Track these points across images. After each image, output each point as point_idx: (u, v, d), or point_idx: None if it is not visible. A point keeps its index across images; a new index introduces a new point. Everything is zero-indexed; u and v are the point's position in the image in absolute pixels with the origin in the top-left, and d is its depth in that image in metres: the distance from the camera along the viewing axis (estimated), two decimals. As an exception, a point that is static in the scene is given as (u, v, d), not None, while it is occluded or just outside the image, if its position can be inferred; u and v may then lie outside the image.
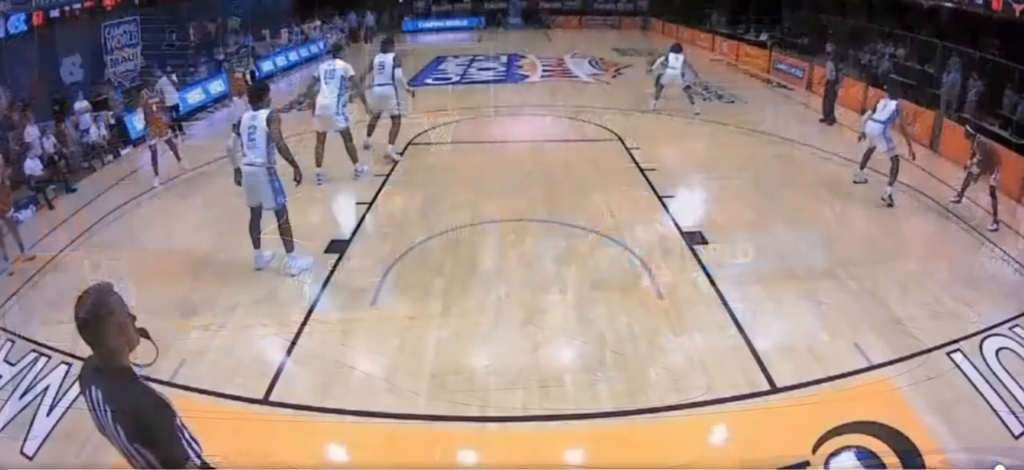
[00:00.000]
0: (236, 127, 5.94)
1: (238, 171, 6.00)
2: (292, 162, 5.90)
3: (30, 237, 7.20)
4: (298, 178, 6.04)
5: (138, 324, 2.19)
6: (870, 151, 7.94)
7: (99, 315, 2.06)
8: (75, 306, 2.07)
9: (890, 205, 7.46)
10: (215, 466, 2.42)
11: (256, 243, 6.13)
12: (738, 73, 17.35)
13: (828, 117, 11.56)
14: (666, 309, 5.39)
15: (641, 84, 15.48)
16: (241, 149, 5.89)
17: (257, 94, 5.96)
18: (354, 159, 8.62)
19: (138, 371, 2.22)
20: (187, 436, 2.19)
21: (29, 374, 4.71)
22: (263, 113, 5.76)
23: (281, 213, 5.98)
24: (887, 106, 7.61)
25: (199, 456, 2.21)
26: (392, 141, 9.25)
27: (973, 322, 5.14)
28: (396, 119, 9.22)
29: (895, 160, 7.50)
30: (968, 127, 7.84)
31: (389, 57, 9.11)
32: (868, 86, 12.70)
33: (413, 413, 4.23)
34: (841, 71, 11.92)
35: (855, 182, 8.13)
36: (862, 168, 8.17)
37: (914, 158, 7.66)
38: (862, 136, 7.98)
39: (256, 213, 6.06)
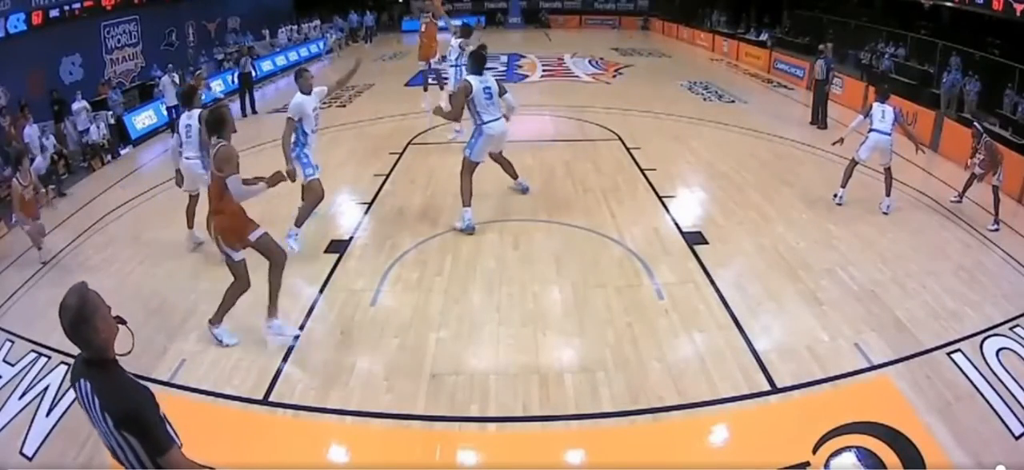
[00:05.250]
0: (174, 128, 6.39)
1: (179, 172, 6.69)
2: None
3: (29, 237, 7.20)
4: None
5: (114, 313, 2.27)
6: (854, 165, 7.48)
7: (85, 314, 2.15)
8: (60, 312, 2.14)
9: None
10: (214, 467, 2.42)
11: (189, 224, 6.70)
12: (738, 73, 17.35)
13: (820, 120, 11.29)
14: (666, 309, 5.39)
15: (638, 83, 15.53)
16: (180, 148, 6.56)
17: (187, 98, 6.68)
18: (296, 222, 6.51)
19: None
20: (171, 430, 2.28)
21: (29, 374, 4.71)
22: (196, 113, 6.41)
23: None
24: (886, 114, 7.28)
25: (178, 445, 2.30)
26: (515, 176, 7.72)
27: (973, 322, 5.14)
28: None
29: (889, 171, 7.39)
30: (977, 125, 7.63)
31: (490, 80, 6.76)
32: (868, 85, 12.70)
33: (413, 413, 4.23)
34: (833, 71, 11.77)
35: (838, 204, 7.52)
36: (843, 186, 7.54)
37: (925, 151, 7.51)
38: (840, 141, 7.62)
39: (193, 200, 6.69)
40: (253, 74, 14.19)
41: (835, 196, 7.60)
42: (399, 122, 11.75)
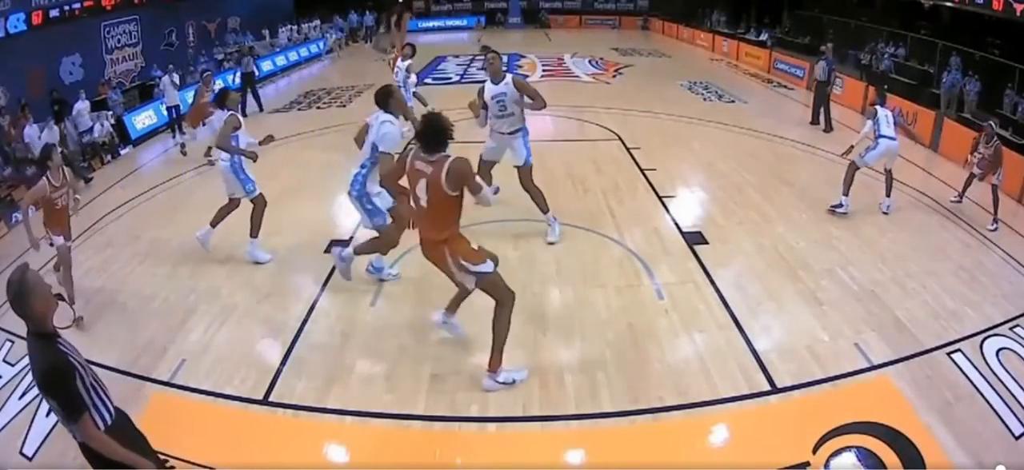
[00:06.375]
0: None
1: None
2: (243, 154, 6.16)
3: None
4: (254, 155, 6.22)
5: (55, 291, 2.71)
6: (854, 171, 7.23)
7: (22, 292, 2.56)
8: (6, 290, 2.59)
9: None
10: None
11: (212, 223, 6.36)
12: (738, 73, 17.35)
13: (824, 122, 11.18)
14: (666, 309, 5.39)
15: (638, 83, 15.53)
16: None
17: (219, 100, 6.47)
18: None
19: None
20: (93, 399, 2.68)
21: (29, 374, 4.70)
22: (225, 115, 6.18)
23: (255, 202, 6.27)
24: (889, 118, 7.21)
25: (104, 419, 2.72)
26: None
27: (973, 322, 5.14)
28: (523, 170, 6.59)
29: (890, 172, 7.37)
30: (990, 125, 7.43)
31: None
32: (868, 86, 12.71)
33: (413, 413, 4.23)
34: (834, 72, 11.74)
35: (844, 213, 7.23)
36: (846, 194, 7.25)
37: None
38: (849, 149, 7.42)
39: (232, 204, 6.38)
40: (256, 73, 14.19)
41: (841, 206, 7.23)
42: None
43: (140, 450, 2.91)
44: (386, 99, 5.36)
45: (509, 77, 6.36)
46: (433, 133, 4.01)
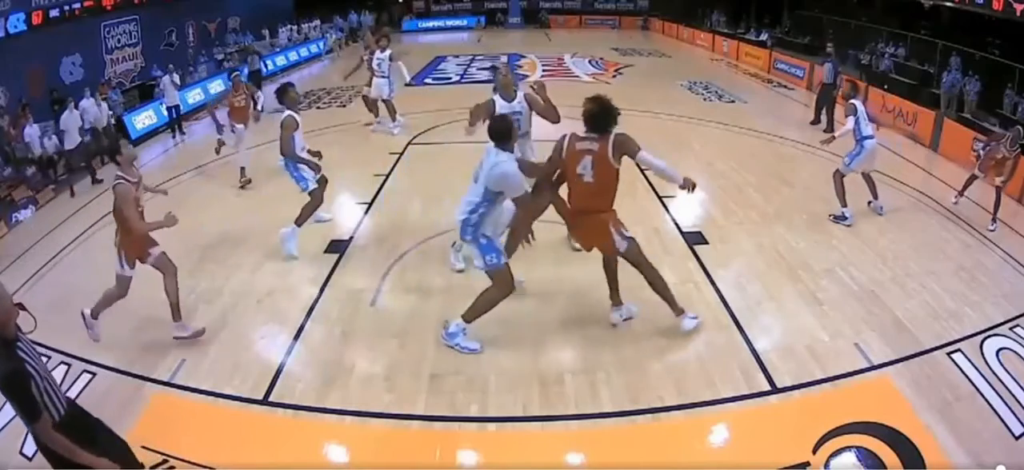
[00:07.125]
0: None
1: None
2: (303, 162, 6.30)
3: (30, 237, 7.19)
4: (317, 163, 6.48)
5: (17, 300, 2.85)
6: (842, 178, 7.00)
7: None
8: None
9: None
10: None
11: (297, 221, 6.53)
12: (738, 73, 17.35)
13: (826, 122, 11.15)
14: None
15: (638, 82, 15.53)
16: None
17: (279, 95, 6.41)
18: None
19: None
20: (45, 403, 2.79)
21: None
22: (282, 117, 6.24)
23: (311, 195, 6.39)
24: (865, 114, 6.96)
25: (54, 420, 2.82)
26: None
27: (973, 322, 5.14)
28: None
29: (869, 176, 7.22)
30: (1019, 129, 7.25)
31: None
32: (869, 87, 12.69)
33: (413, 413, 4.23)
34: (840, 74, 11.72)
35: (849, 224, 6.99)
36: (845, 204, 7.01)
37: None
38: (831, 138, 7.35)
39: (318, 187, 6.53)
40: (262, 71, 14.16)
41: (845, 217, 7.00)
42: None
43: (99, 444, 2.98)
44: (507, 134, 4.44)
45: (522, 94, 6.12)
46: (602, 114, 4.31)
